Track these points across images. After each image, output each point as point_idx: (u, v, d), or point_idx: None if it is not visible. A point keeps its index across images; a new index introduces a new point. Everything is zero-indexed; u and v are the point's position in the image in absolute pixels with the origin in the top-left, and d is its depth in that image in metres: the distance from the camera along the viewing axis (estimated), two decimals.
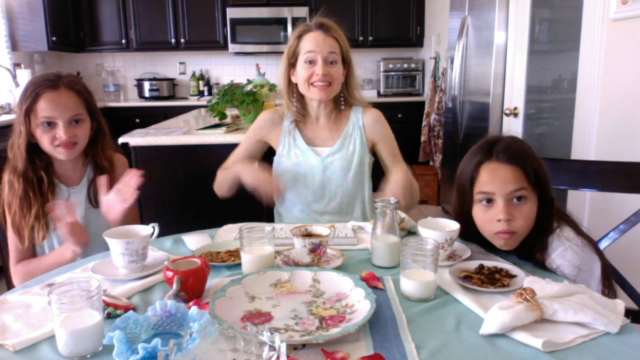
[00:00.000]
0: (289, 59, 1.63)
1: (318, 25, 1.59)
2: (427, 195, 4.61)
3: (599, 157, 2.11)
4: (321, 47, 1.56)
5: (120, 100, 5.32)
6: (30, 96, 1.36)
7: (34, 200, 1.38)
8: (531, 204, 1.12)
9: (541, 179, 1.12)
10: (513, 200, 1.10)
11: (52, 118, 1.36)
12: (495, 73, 3.12)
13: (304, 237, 1.13)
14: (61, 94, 1.38)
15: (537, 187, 1.12)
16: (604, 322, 0.82)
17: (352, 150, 1.65)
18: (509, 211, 1.09)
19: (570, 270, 1.09)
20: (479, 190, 1.13)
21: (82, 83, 1.47)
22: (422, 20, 5.15)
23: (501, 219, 1.09)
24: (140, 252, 1.10)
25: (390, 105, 4.91)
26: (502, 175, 1.10)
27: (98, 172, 1.49)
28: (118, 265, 1.11)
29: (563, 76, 3.11)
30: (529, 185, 1.11)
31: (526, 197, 1.11)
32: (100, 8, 4.99)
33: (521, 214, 1.10)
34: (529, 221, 1.12)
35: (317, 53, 1.56)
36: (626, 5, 1.94)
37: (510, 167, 1.10)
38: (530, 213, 1.11)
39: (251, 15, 4.97)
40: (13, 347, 0.80)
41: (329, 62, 1.57)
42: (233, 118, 2.84)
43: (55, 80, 1.39)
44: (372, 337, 0.82)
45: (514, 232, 1.11)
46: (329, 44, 1.57)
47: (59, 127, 1.37)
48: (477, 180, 1.14)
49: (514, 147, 1.14)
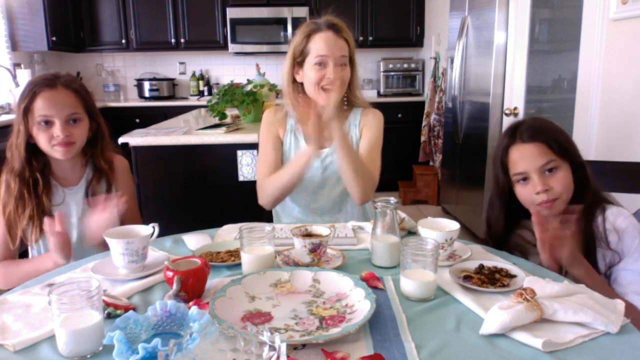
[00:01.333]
0: (294, 58, 1.57)
1: (329, 25, 1.53)
2: (427, 195, 4.61)
3: (599, 157, 2.11)
4: (332, 50, 1.51)
5: (120, 100, 5.32)
6: (28, 95, 1.36)
7: (29, 201, 1.37)
8: (564, 171, 1.23)
9: (566, 148, 1.24)
10: (545, 173, 1.22)
11: (49, 117, 1.36)
12: (495, 73, 3.12)
13: (304, 237, 1.13)
14: (58, 92, 1.38)
15: (564, 155, 1.23)
16: (604, 322, 0.82)
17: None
18: (544, 183, 1.21)
19: (633, 232, 1.16)
20: (513, 172, 1.26)
21: (80, 82, 1.47)
22: (422, 20, 5.15)
23: (539, 191, 1.21)
24: (140, 252, 1.10)
25: (390, 105, 4.91)
26: (528, 154, 1.23)
27: (97, 173, 1.49)
28: (118, 265, 1.11)
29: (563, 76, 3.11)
30: (555, 156, 1.22)
31: (557, 167, 1.22)
32: (100, 8, 4.99)
33: (556, 181, 1.22)
34: (565, 185, 1.22)
35: (328, 56, 1.51)
36: (626, 5, 1.94)
37: (535, 145, 1.23)
38: (565, 178, 1.22)
39: (251, 15, 4.97)
40: (13, 347, 0.80)
41: (340, 65, 1.53)
42: (233, 118, 2.84)
43: (53, 79, 1.39)
44: (372, 337, 0.82)
45: (555, 199, 1.22)
46: (340, 46, 1.52)
47: (56, 126, 1.36)
48: (509, 164, 1.27)
49: (534, 125, 1.27)
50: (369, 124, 1.65)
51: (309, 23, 1.57)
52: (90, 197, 1.47)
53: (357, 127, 1.66)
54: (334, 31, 1.53)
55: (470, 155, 3.62)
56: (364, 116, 1.67)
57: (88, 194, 1.47)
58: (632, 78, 1.95)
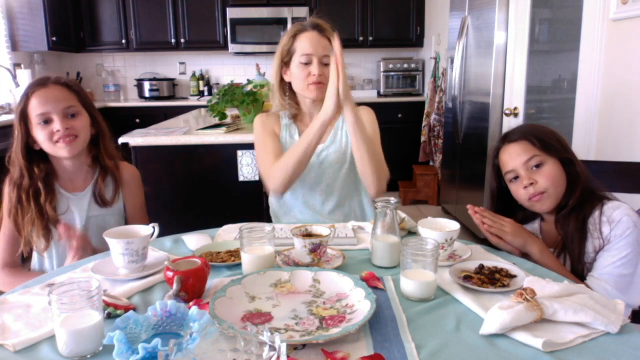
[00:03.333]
0: (282, 58, 1.64)
1: (313, 25, 1.60)
2: (427, 195, 4.61)
3: (599, 157, 2.11)
4: (316, 48, 1.58)
5: (120, 100, 5.32)
6: (22, 99, 1.37)
7: (28, 209, 1.37)
8: (550, 166, 1.28)
9: (550, 144, 1.29)
10: (532, 168, 1.28)
11: (45, 113, 1.35)
12: (495, 73, 3.12)
13: (304, 237, 1.13)
14: (50, 89, 1.38)
15: (548, 151, 1.28)
16: (604, 322, 0.82)
17: (345, 143, 1.67)
18: (529, 177, 1.27)
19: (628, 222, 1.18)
20: (504, 172, 1.34)
21: (72, 80, 1.48)
22: (422, 20, 5.15)
23: (525, 184, 1.28)
24: (140, 252, 1.10)
25: (390, 105, 4.91)
26: (514, 152, 1.31)
27: (102, 172, 1.48)
28: (118, 265, 1.11)
29: (563, 76, 3.11)
30: (539, 151, 1.28)
31: (542, 162, 1.28)
32: (100, 8, 4.98)
33: (542, 175, 1.27)
34: (552, 180, 1.27)
35: (312, 55, 1.57)
36: (626, 5, 1.94)
37: (518, 143, 1.31)
38: (552, 172, 1.27)
39: (251, 15, 4.97)
40: (13, 347, 0.80)
41: (323, 64, 1.59)
42: (233, 118, 2.84)
43: (43, 79, 1.40)
44: (372, 337, 0.82)
45: (543, 192, 1.27)
46: (323, 45, 1.59)
47: (55, 121, 1.36)
48: (500, 165, 1.35)
49: (521, 128, 1.38)
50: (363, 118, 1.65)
51: (295, 24, 1.65)
52: (97, 198, 1.46)
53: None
54: (318, 31, 1.60)
55: (470, 155, 3.62)
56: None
57: (95, 194, 1.46)
58: (632, 78, 1.95)
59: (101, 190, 1.46)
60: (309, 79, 1.59)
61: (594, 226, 1.22)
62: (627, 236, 1.17)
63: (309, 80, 1.59)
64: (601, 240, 1.20)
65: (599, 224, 1.21)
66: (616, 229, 1.19)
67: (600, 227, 1.21)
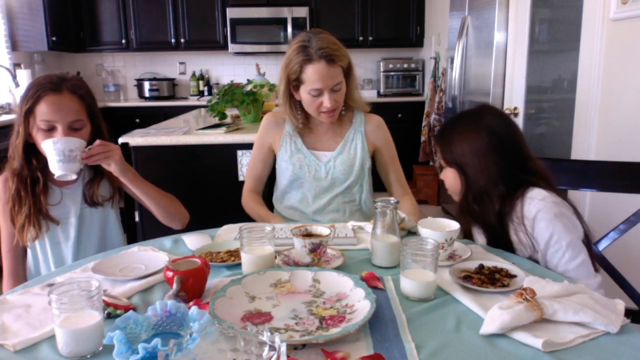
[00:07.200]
0: (289, 77, 1.57)
1: (321, 55, 1.50)
2: (427, 195, 4.61)
3: (599, 157, 2.11)
4: (326, 82, 1.52)
5: (120, 100, 5.32)
6: (32, 98, 1.33)
7: (25, 200, 1.37)
8: (448, 172, 1.30)
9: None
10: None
11: (52, 122, 1.33)
12: (495, 73, 3.12)
13: (304, 237, 1.13)
14: (64, 97, 1.35)
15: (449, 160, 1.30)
16: (604, 322, 0.82)
17: (354, 155, 1.66)
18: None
19: (546, 217, 1.16)
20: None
21: (86, 87, 1.44)
22: (422, 20, 5.15)
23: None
24: (66, 154, 1.19)
25: (390, 105, 4.91)
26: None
27: (97, 176, 1.48)
28: (51, 170, 1.24)
29: (563, 76, 3.11)
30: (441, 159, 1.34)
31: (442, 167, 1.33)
32: (100, 8, 4.98)
33: (444, 176, 1.33)
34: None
35: (323, 88, 1.53)
36: (626, 5, 1.94)
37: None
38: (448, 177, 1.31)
39: (251, 15, 4.97)
40: (13, 347, 0.80)
41: (335, 91, 1.56)
42: (233, 118, 2.84)
43: (59, 83, 1.35)
44: (372, 337, 0.82)
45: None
46: (334, 75, 1.53)
47: (58, 132, 1.34)
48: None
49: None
50: (380, 136, 1.71)
51: (303, 49, 1.53)
52: (88, 197, 1.46)
53: (362, 134, 1.68)
54: (327, 61, 1.51)
55: None
56: (368, 123, 1.70)
57: (85, 194, 1.47)
58: (632, 78, 1.95)
59: (94, 191, 1.46)
60: (321, 108, 1.57)
61: (516, 217, 1.20)
62: (553, 230, 1.15)
63: (321, 109, 1.57)
64: (528, 240, 1.19)
65: (521, 217, 1.20)
66: (537, 227, 1.17)
67: (523, 222, 1.19)
